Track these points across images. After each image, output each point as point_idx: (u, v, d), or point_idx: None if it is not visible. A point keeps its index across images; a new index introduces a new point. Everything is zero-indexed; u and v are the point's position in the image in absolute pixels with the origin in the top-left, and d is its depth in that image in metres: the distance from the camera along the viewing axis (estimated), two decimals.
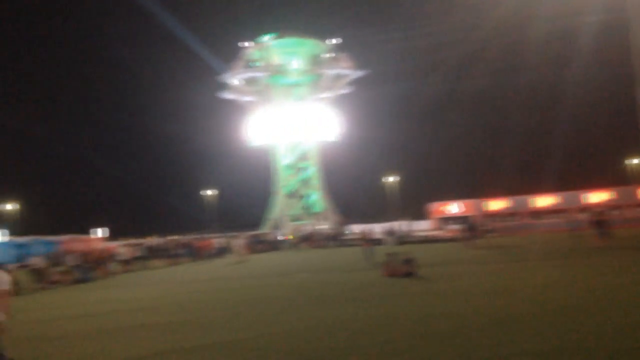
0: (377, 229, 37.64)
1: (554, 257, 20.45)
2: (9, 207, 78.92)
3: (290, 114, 61.53)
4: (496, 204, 50.33)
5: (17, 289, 21.47)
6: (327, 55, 63.33)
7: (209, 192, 72.30)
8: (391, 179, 66.47)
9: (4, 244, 59.83)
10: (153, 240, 50.07)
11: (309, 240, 43.61)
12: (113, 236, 70.79)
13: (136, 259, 31.97)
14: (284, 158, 63.47)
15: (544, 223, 45.30)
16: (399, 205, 64.01)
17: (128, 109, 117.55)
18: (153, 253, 35.34)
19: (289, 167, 63.86)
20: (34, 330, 11.64)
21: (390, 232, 37.82)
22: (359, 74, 63.05)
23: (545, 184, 50.17)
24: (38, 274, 24.37)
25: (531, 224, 45.88)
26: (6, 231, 67.04)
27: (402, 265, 17.38)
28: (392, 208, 63.33)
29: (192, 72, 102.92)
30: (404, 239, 37.48)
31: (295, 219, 61.29)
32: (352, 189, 68.06)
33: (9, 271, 23.08)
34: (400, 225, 44.00)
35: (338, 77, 63.42)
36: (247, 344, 8.61)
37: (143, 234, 62.41)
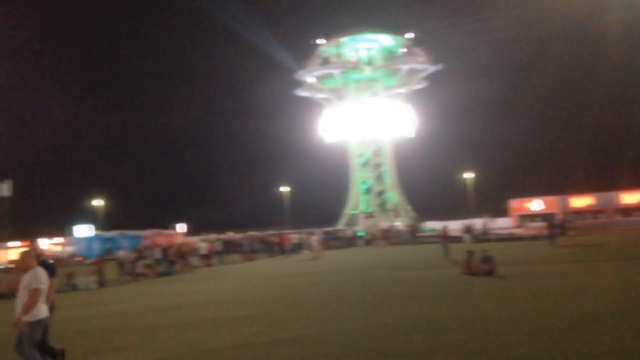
0: (455, 226, 36.81)
1: None
2: (96, 203, 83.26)
3: (365, 110, 61.22)
4: (580, 201, 48.04)
5: (103, 281, 22.69)
6: (402, 50, 62.51)
7: (284, 189, 73.32)
8: (467, 175, 64.90)
9: (91, 238, 63.32)
10: (231, 236, 51.41)
11: (384, 237, 43.24)
12: (193, 231, 73.29)
13: (215, 253, 32.87)
14: (358, 155, 63.29)
15: (633, 221, 42.80)
16: (475, 202, 62.41)
17: (206, 108, 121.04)
18: (231, 248, 36.20)
19: (364, 163, 63.60)
20: (119, 321, 12.15)
21: (469, 230, 36.83)
22: (433, 68, 61.82)
23: (633, 180, 47.29)
24: (124, 267, 25.58)
25: (618, 221, 43.47)
26: (93, 226, 70.85)
27: (481, 263, 16.87)
28: (469, 205, 61.81)
29: (268, 70, 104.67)
30: (482, 237, 36.41)
31: (370, 215, 61.00)
32: (427, 185, 66.88)
33: (100, 262, 24.40)
34: (481, 223, 42.76)
35: (413, 72, 62.43)
36: (324, 340, 8.58)
37: (221, 229, 64.20)
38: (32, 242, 21.13)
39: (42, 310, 6.76)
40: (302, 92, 64.71)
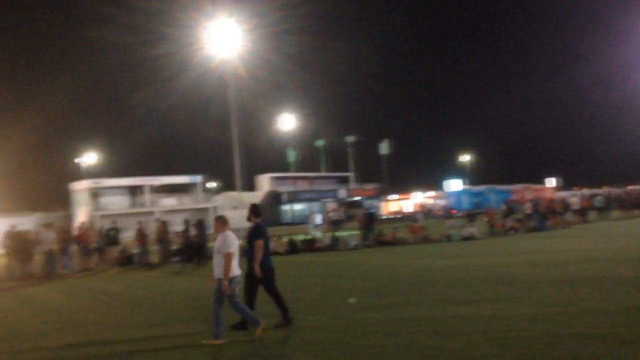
0: None
1: None
2: (465, 157, 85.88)
3: None
4: None
5: (486, 232, 23.45)
6: None
7: None
8: None
9: (461, 192, 66.14)
10: (609, 191, 46.75)
11: None
12: (566, 185, 69.26)
13: (590, 209, 30.43)
14: None
15: None
16: None
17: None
18: (612, 203, 32.84)
19: None
20: (493, 273, 12.29)
21: None
22: None
23: None
24: (493, 222, 25.91)
25: None
26: (462, 180, 73.73)
27: None
28: None
29: None
30: None
31: None
32: None
33: (471, 216, 25.39)
34: None
35: None
36: None
37: (593, 184, 58.99)
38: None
39: (234, 270, 7.35)
40: None
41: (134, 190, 51.66)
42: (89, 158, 63.52)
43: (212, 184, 72.28)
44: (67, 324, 9.68)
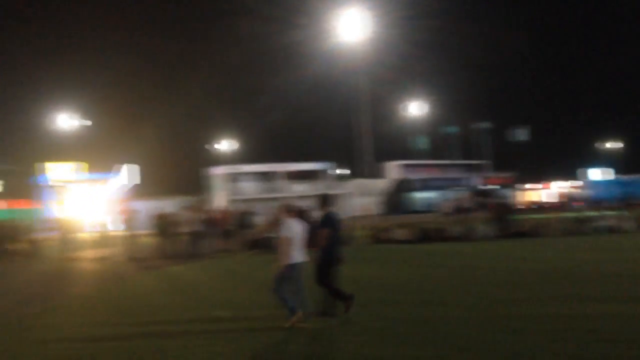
0: None
1: None
2: (611, 145, 79.10)
3: None
4: None
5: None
6: None
7: None
8: None
9: (609, 181, 60.98)
10: None
11: None
12: None
13: None
14: None
15: None
16: None
17: None
18: None
19: None
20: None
21: None
22: None
23: None
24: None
25: None
26: (611, 169, 67.91)
27: None
28: None
29: None
30: None
31: None
32: None
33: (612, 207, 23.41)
34: None
35: None
36: None
37: None
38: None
39: (294, 256, 7.57)
40: None
41: (267, 176, 53.73)
42: (226, 145, 67.46)
43: (341, 171, 73.23)
44: (196, 301, 10.25)
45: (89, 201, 42.41)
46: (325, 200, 8.49)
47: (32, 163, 48.23)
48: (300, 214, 10.23)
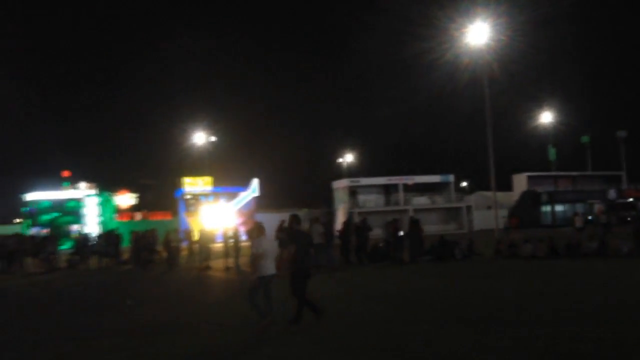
0: None
1: None
2: None
3: None
4: None
5: None
6: None
7: None
8: None
9: None
10: None
11: None
12: None
13: None
14: None
15: None
16: None
17: None
18: None
19: None
20: None
21: None
22: None
23: None
24: None
25: None
26: None
27: None
28: None
29: None
30: None
31: None
32: None
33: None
34: None
35: None
36: None
37: None
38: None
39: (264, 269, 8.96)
40: None
41: (388, 189, 53.68)
42: (348, 157, 68.62)
43: (464, 183, 71.29)
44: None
45: (219, 213, 44.95)
46: (295, 220, 9.97)
47: (170, 177, 52.20)
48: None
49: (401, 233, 21.32)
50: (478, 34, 33.83)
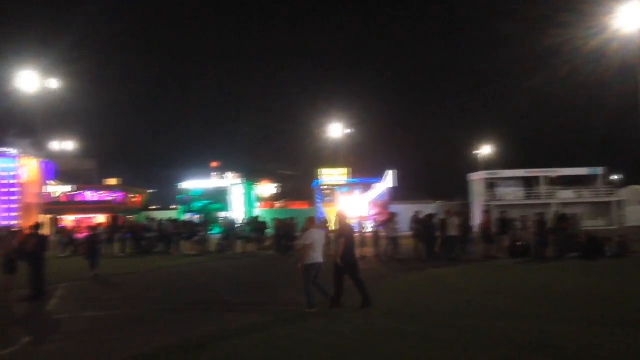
0: None
1: None
2: None
3: None
4: None
5: None
6: None
7: None
8: None
9: None
10: None
11: None
12: None
13: None
14: None
15: None
16: None
17: None
18: None
19: None
20: None
21: None
22: None
23: None
24: None
25: None
26: None
27: None
28: None
29: None
30: None
31: None
32: None
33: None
34: None
35: None
36: None
37: None
38: None
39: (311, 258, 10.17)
40: None
41: (529, 182, 51.24)
42: (485, 149, 66.47)
43: (615, 177, 65.90)
44: (467, 304, 10.62)
45: (355, 203, 45.83)
46: (343, 216, 11.18)
47: (309, 168, 54.17)
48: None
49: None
50: (630, 19, 31.19)
